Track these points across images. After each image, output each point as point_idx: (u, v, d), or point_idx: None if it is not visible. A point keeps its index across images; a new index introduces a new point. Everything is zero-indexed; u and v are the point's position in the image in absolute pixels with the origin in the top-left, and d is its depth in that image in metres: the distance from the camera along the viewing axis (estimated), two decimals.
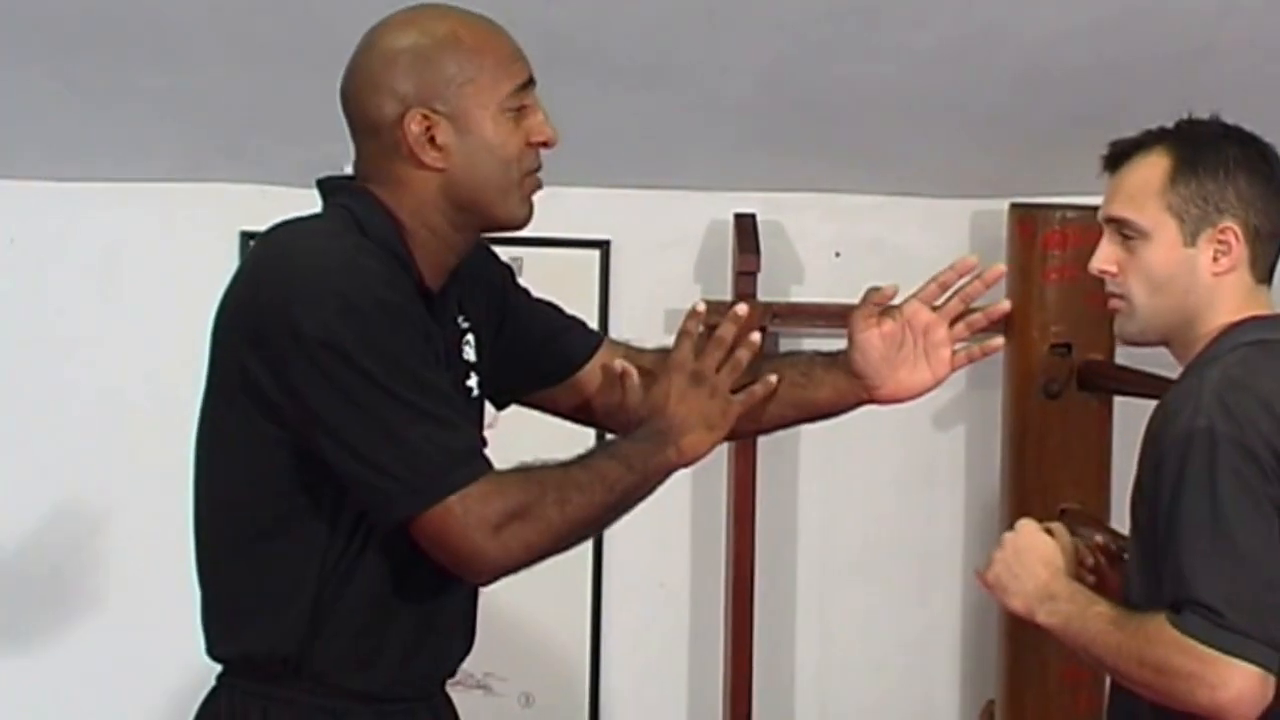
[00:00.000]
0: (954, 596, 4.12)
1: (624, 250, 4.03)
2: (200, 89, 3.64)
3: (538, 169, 2.28)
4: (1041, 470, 3.82)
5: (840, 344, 2.48)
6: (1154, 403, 2.37)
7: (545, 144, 2.27)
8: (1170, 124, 2.42)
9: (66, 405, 3.96)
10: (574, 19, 3.40)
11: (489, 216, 2.26)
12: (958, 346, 2.47)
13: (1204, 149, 2.37)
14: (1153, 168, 2.37)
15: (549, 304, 2.56)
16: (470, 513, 2.10)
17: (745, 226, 3.89)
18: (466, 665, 2.48)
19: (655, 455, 2.23)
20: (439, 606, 2.27)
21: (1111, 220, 2.40)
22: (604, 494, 2.17)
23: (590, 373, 2.52)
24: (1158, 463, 2.26)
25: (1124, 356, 3.72)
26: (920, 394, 2.48)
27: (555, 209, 3.88)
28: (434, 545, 2.13)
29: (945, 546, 4.11)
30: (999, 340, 2.50)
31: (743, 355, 2.27)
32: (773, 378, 2.34)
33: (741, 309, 2.29)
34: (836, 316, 3.82)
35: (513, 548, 2.13)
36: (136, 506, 3.91)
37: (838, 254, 4.07)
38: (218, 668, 2.30)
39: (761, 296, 3.86)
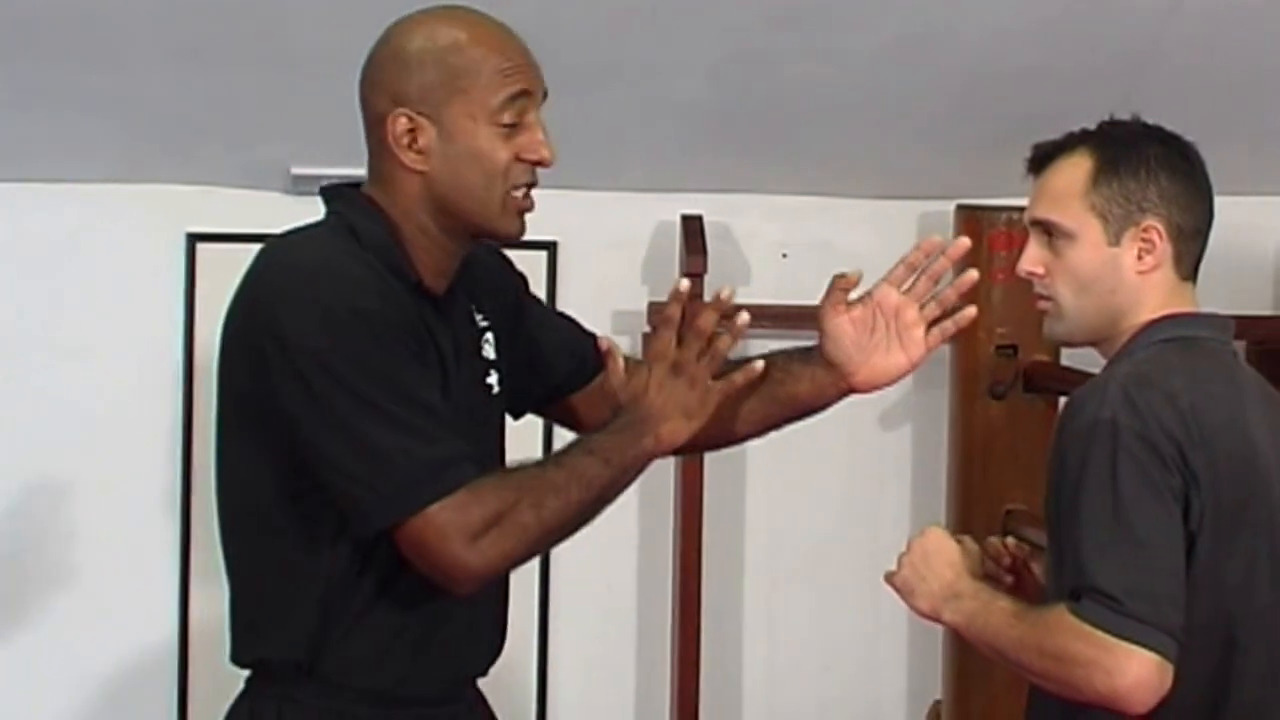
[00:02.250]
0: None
1: (571, 251, 4.03)
2: (143, 89, 3.62)
3: (530, 184, 2.25)
4: (987, 471, 3.84)
5: (787, 344, 2.48)
6: None
7: (538, 162, 2.25)
8: (1092, 126, 2.45)
9: (9, 407, 3.93)
10: (519, 20, 3.38)
11: (472, 224, 2.25)
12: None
13: (1125, 149, 2.39)
14: (1075, 169, 2.39)
15: (563, 315, 2.58)
16: (449, 524, 2.11)
17: (692, 227, 3.89)
18: None
19: (632, 446, 2.19)
20: (452, 609, 2.27)
21: (1037, 222, 2.43)
22: (581, 493, 2.16)
23: (602, 386, 2.49)
24: (1062, 454, 2.27)
25: (1069, 358, 3.74)
26: (897, 377, 2.45)
27: None
28: (414, 555, 2.15)
29: (892, 547, 4.06)
30: (971, 309, 2.47)
31: (723, 343, 2.22)
32: (759, 363, 2.28)
33: (725, 292, 2.25)
34: (784, 318, 3.84)
35: (491, 556, 2.13)
36: (79, 505, 3.89)
37: (785, 255, 4.08)
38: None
39: (708, 298, 3.84)
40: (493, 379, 2.36)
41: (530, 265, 4.00)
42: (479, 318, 2.36)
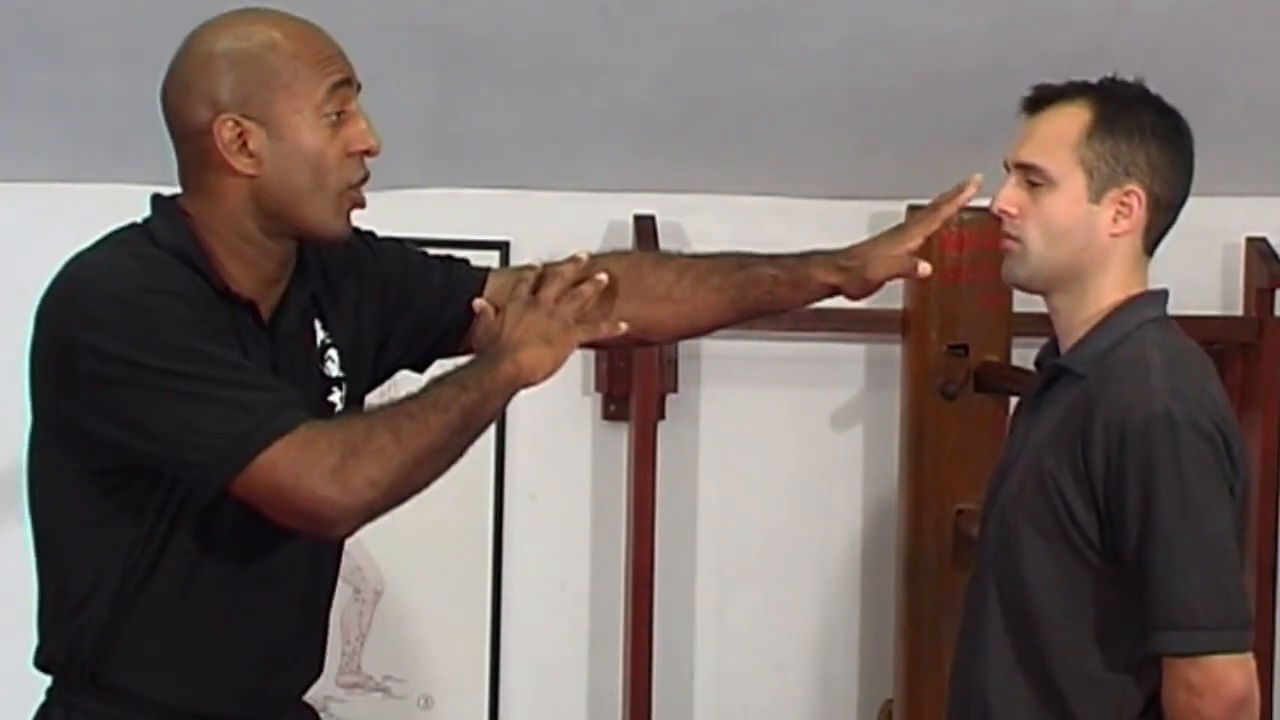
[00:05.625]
0: (852, 596, 4.14)
1: (524, 251, 4.02)
2: (89, 88, 3.60)
3: (361, 181, 2.22)
4: (938, 470, 3.84)
5: (740, 344, 2.48)
6: None
7: (366, 152, 2.20)
8: (1094, 80, 2.47)
9: None
10: (471, 21, 3.39)
11: (301, 226, 2.21)
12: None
13: (1123, 109, 2.42)
14: (1072, 118, 2.42)
15: (432, 258, 2.51)
16: (299, 460, 2.03)
17: (645, 228, 3.90)
18: (365, 668, 2.44)
19: (489, 372, 2.16)
20: (258, 625, 2.23)
21: (1021, 165, 2.44)
22: (439, 414, 2.10)
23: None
24: (1118, 443, 2.28)
25: (1020, 358, 3.75)
26: (896, 270, 2.50)
27: (454, 210, 3.91)
28: (272, 504, 2.07)
29: (843, 546, 4.13)
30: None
31: (587, 289, 2.25)
32: (602, 276, 2.29)
33: (583, 254, 2.30)
34: None
35: (356, 486, 2.04)
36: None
37: None
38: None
39: None
40: (335, 397, 2.31)
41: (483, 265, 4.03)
42: (322, 334, 2.31)
